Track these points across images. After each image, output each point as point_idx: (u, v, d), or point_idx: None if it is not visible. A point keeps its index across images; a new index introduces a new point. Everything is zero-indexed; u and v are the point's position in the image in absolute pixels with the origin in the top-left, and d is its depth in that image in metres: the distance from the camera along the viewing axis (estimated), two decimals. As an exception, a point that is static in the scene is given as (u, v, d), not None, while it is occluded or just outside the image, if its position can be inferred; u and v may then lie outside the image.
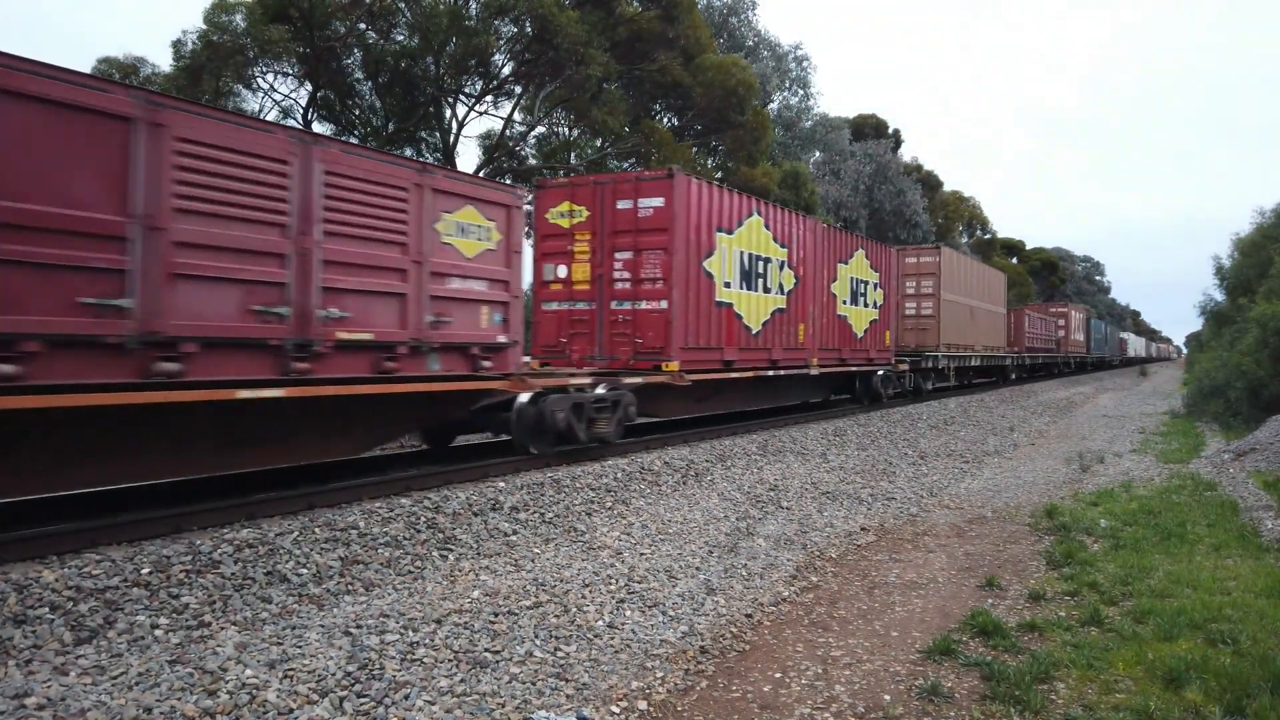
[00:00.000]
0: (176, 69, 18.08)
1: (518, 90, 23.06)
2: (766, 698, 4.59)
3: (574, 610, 5.45)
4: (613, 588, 5.94)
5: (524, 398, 8.74)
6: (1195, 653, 4.97)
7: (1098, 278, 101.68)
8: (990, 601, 6.27)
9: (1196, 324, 62.56)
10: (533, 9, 19.03)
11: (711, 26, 28.98)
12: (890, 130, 47.27)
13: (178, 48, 18.01)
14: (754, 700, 4.56)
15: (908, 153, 53.33)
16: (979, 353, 24.90)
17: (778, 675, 4.89)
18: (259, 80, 19.84)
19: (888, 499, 10.14)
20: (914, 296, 21.43)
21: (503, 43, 21.08)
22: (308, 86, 20.29)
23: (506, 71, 22.12)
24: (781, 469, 10.72)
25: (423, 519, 6.58)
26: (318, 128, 21.23)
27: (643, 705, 4.43)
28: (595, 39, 20.12)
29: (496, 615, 5.16)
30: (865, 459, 12.31)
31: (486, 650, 4.73)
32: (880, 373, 17.81)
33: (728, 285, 12.12)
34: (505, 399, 8.78)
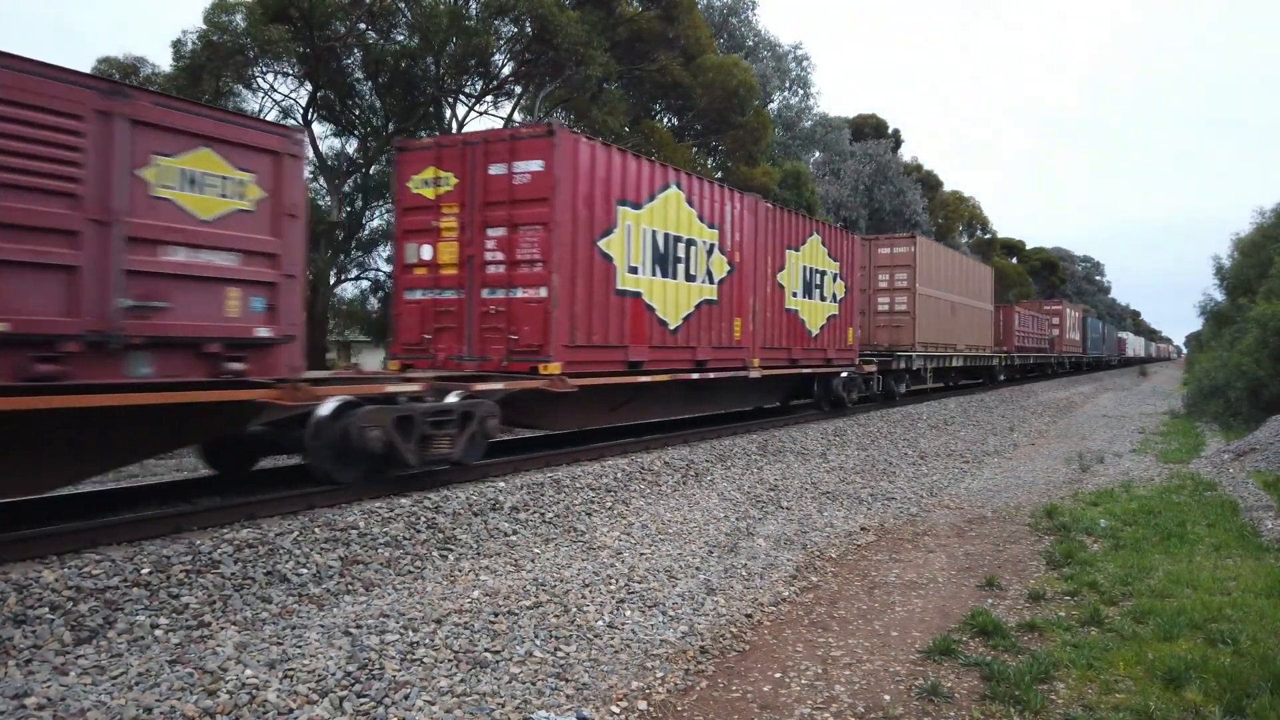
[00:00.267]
0: (176, 69, 18.07)
1: (518, 90, 23.06)
2: (766, 698, 4.59)
3: (574, 610, 5.45)
4: (613, 588, 5.94)
5: (325, 410, 6.71)
6: (1195, 653, 4.97)
7: (1098, 278, 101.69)
8: (990, 601, 6.27)
9: (1196, 324, 62.54)
10: (533, 9, 19.03)
11: (711, 26, 28.98)
12: (890, 130, 47.27)
13: (178, 48, 18.01)
14: (754, 700, 4.56)
15: (908, 153, 53.35)
16: (962, 352, 23.25)
17: (778, 675, 4.89)
18: (259, 80, 19.84)
19: (888, 499, 10.14)
20: (887, 291, 19.71)
21: (503, 43, 21.08)
22: (308, 86, 20.28)
23: (506, 71, 22.13)
24: (781, 469, 10.72)
25: (423, 519, 6.59)
26: (318, 128, 21.26)
27: (643, 705, 4.43)
28: (595, 39, 20.12)
29: (496, 615, 5.16)
30: (865, 459, 12.31)
31: (486, 650, 4.73)
32: (844, 374, 15.96)
33: (634, 271, 10.16)
34: (300, 412, 6.61)
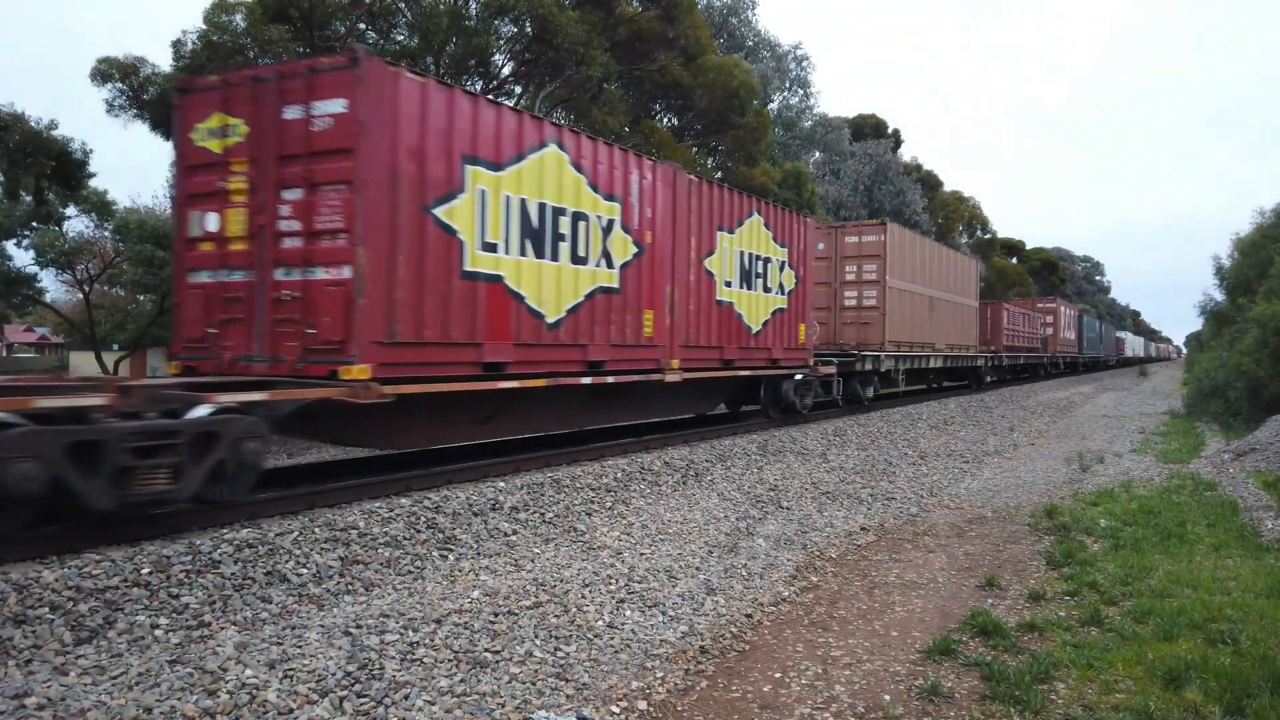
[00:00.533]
0: (176, 69, 18.08)
1: (518, 90, 23.06)
2: (766, 698, 4.59)
3: (574, 610, 5.45)
4: (613, 588, 5.94)
5: None
6: (1195, 653, 4.97)
7: (1098, 277, 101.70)
8: (990, 601, 6.27)
9: (1197, 324, 62.53)
10: (533, 9, 19.03)
11: (711, 26, 28.99)
12: (890, 130, 47.27)
13: (178, 48, 18.00)
14: (754, 700, 4.56)
15: (907, 153, 53.31)
16: (941, 352, 21.44)
17: (778, 675, 4.89)
18: (259, 80, 19.86)
19: (888, 499, 10.14)
20: (854, 284, 17.95)
21: (503, 43, 21.08)
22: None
23: (506, 71, 22.13)
24: (781, 469, 10.72)
25: (422, 519, 6.59)
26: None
27: (643, 705, 4.43)
28: (595, 39, 20.11)
29: (496, 615, 5.16)
30: (865, 459, 12.31)
31: (486, 650, 4.73)
32: (798, 376, 14.24)
33: (492, 249, 8.02)
34: None
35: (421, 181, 7.39)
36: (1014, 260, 66.21)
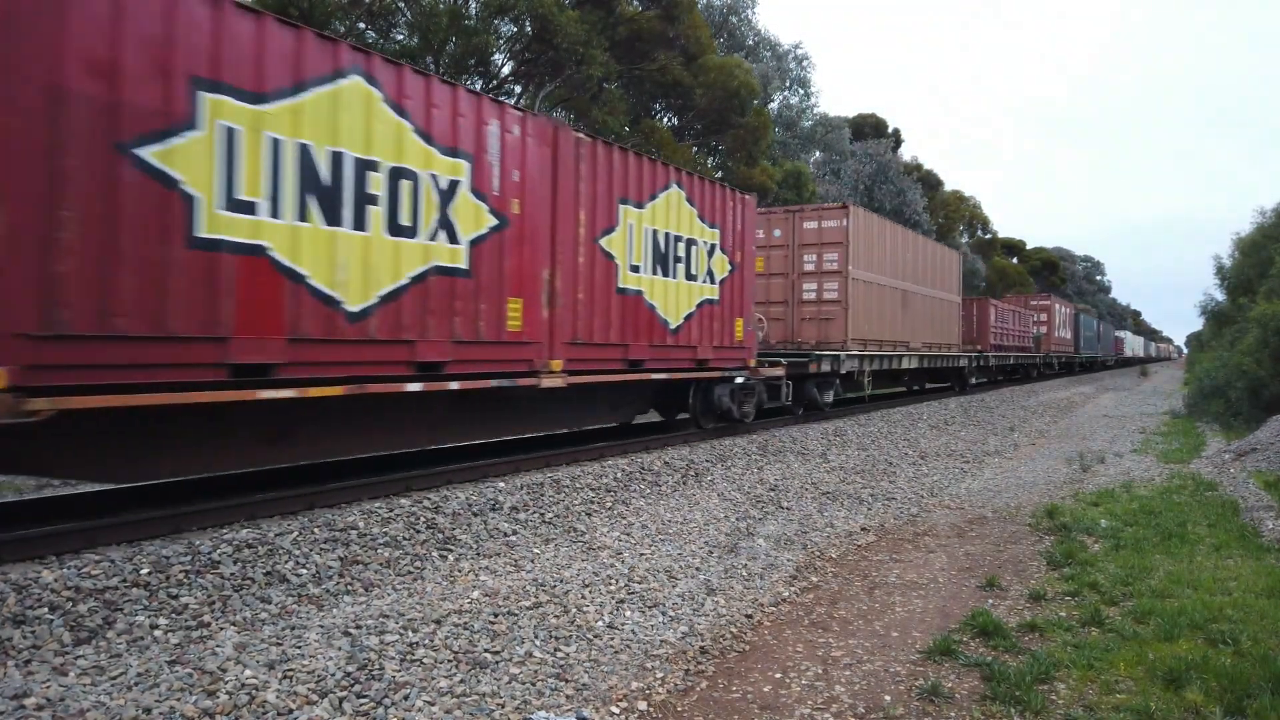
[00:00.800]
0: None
1: (518, 90, 23.08)
2: (767, 698, 4.58)
3: (574, 610, 5.45)
4: (612, 588, 5.94)
5: None
6: (1196, 653, 4.96)
7: (1098, 277, 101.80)
8: (990, 602, 6.26)
9: (1197, 324, 62.54)
10: (533, 9, 19.03)
11: (711, 26, 28.99)
12: (890, 130, 47.33)
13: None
14: (754, 700, 4.55)
15: (908, 152, 53.38)
16: (917, 351, 19.60)
17: (778, 675, 4.88)
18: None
19: (888, 499, 10.14)
20: (814, 275, 16.13)
21: (502, 42, 21.10)
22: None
23: (506, 71, 22.15)
24: (781, 469, 10.72)
25: (422, 519, 6.58)
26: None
27: (643, 705, 4.42)
28: (595, 39, 20.12)
29: (496, 615, 5.15)
30: (865, 459, 12.31)
31: (486, 650, 4.73)
32: (739, 380, 12.21)
33: (247, 209, 5.95)
34: None
35: (115, 110, 5.26)
36: (1014, 260, 66.26)
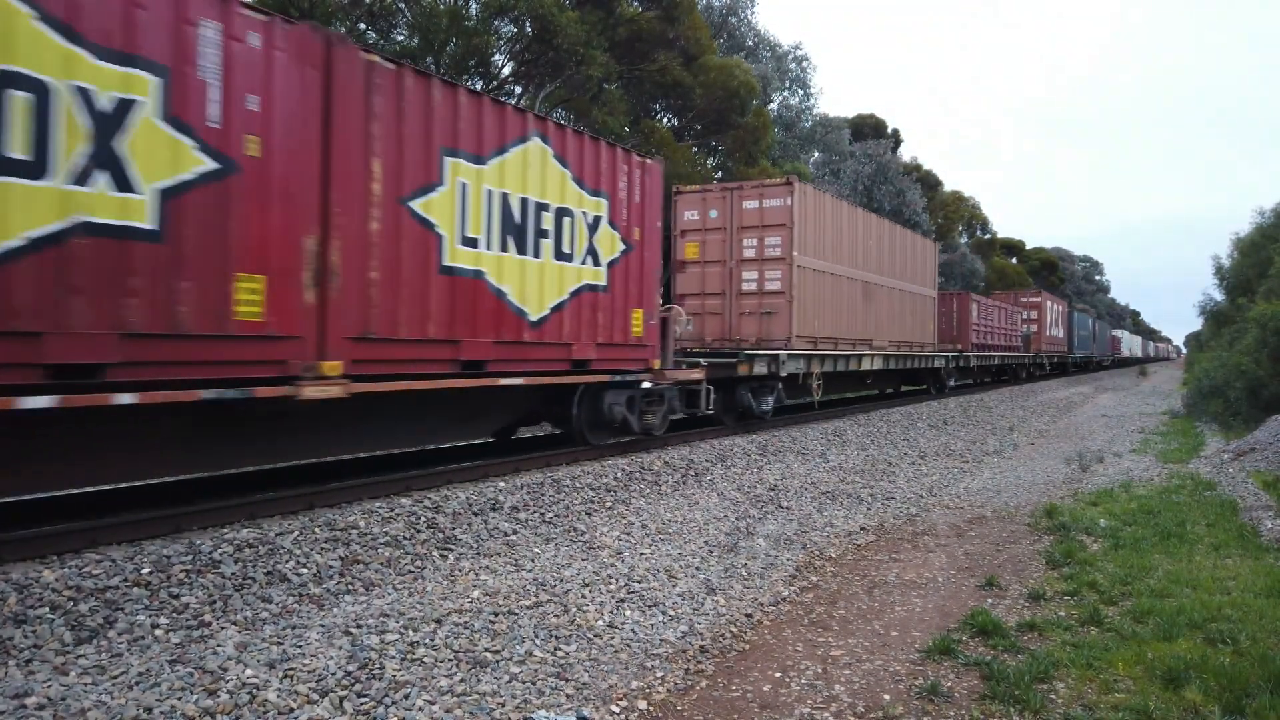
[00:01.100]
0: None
1: (518, 90, 23.08)
2: (766, 697, 4.59)
3: (574, 610, 5.45)
4: (613, 587, 5.95)
5: None
6: (1195, 652, 4.97)
7: (1097, 277, 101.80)
8: (990, 601, 6.27)
9: (1196, 324, 62.47)
10: (533, 9, 19.04)
11: (711, 26, 29.01)
12: (890, 130, 47.29)
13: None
14: (754, 700, 4.56)
15: (907, 153, 53.35)
16: (882, 350, 17.68)
17: (777, 675, 4.89)
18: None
19: (887, 499, 10.15)
20: (754, 262, 14.04)
21: (503, 43, 21.11)
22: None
23: (507, 72, 22.15)
24: (781, 469, 10.72)
25: (423, 519, 6.59)
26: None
27: (643, 705, 4.43)
28: (595, 39, 20.13)
29: (496, 615, 5.16)
30: (865, 459, 12.32)
31: (486, 650, 4.74)
32: (645, 385, 10.10)
33: None
34: None
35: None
36: (1014, 260, 66.26)
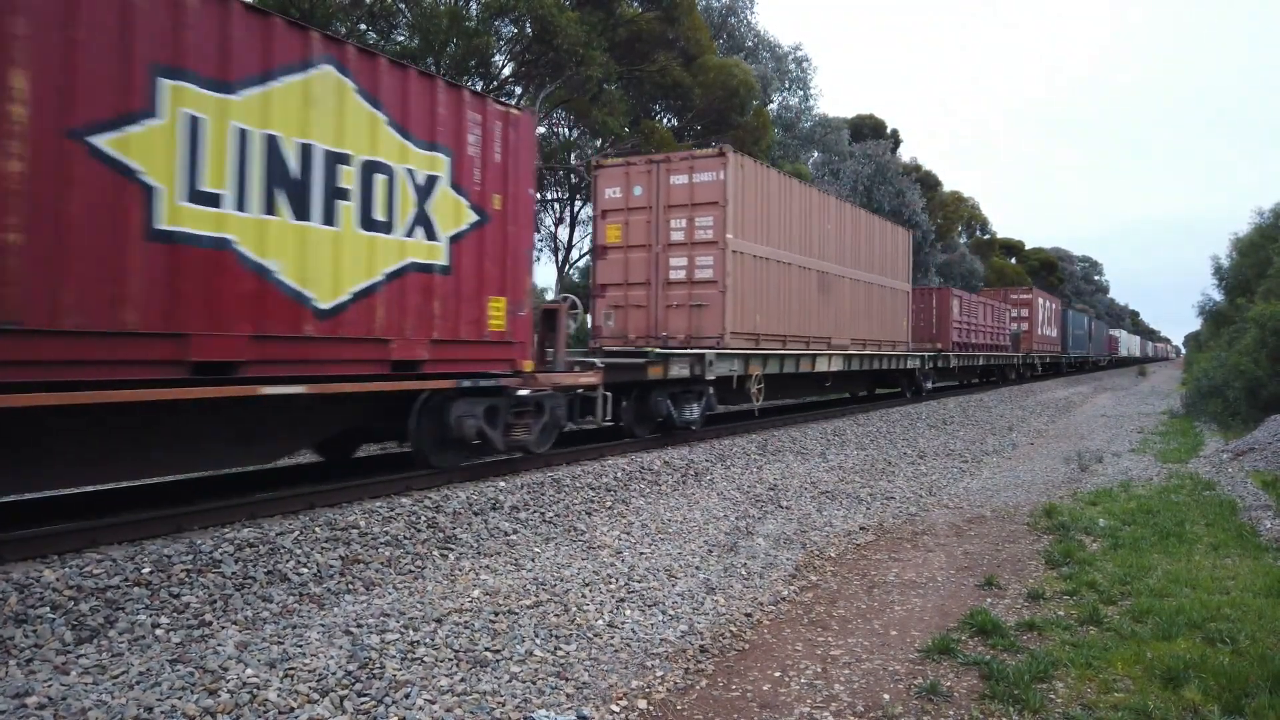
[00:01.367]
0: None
1: (518, 91, 23.10)
2: (766, 696, 4.60)
3: (574, 609, 5.46)
4: (613, 587, 5.95)
5: None
6: (1194, 652, 4.98)
7: (1096, 277, 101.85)
8: (989, 601, 6.28)
9: (1195, 324, 62.43)
10: (533, 10, 19.05)
11: (711, 27, 29.02)
12: (889, 130, 47.31)
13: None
14: (754, 699, 4.57)
15: (907, 153, 53.37)
16: (844, 350, 15.74)
17: (777, 674, 4.90)
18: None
19: (887, 498, 10.15)
20: (683, 246, 12.08)
21: (503, 43, 21.12)
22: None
23: (507, 72, 22.17)
24: (781, 468, 10.73)
25: (423, 518, 6.60)
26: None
27: (643, 704, 4.44)
28: (595, 40, 20.15)
29: (497, 614, 5.17)
30: (864, 458, 12.33)
31: (487, 649, 4.74)
32: (522, 393, 8.31)
33: None
34: None
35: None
36: (1013, 260, 66.30)
